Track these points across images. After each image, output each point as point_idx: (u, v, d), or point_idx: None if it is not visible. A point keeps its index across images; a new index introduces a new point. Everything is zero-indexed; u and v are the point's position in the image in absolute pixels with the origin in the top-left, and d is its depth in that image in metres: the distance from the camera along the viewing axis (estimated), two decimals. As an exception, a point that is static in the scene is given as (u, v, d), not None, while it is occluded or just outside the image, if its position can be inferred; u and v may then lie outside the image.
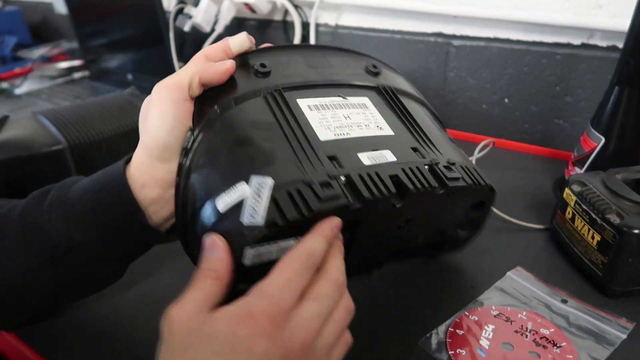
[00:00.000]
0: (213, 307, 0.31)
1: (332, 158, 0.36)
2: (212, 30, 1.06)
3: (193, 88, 0.38)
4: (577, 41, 0.74)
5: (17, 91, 1.16)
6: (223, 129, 0.37)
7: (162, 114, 0.38)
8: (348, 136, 0.38)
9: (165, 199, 0.39)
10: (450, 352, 0.42)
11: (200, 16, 1.03)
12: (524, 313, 0.45)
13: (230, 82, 0.39)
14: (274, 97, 0.38)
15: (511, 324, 0.44)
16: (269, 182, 0.33)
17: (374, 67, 0.44)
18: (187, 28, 1.04)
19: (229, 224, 0.33)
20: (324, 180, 0.34)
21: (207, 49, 0.41)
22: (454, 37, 0.86)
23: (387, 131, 0.40)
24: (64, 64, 1.27)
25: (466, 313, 0.46)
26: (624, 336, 0.43)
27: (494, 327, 0.44)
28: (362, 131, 0.39)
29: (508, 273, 0.51)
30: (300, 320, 0.31)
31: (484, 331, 0.44)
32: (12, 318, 0.45)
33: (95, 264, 0.40)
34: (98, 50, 1.20)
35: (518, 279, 0.50)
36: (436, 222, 0.45)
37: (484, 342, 0.42)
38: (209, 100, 0.39)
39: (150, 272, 0.42)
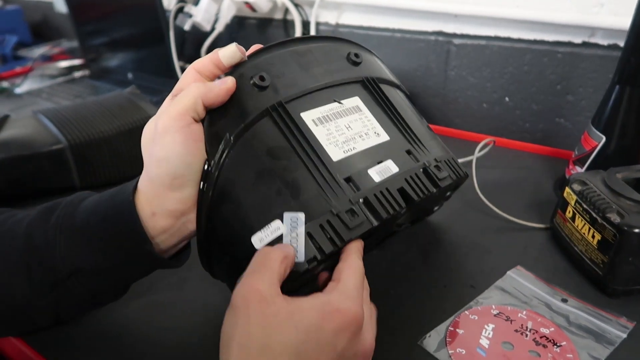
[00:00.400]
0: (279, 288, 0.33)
1: (348, 180, 0.39)
2: (213, 29, 1.06)
3: (198, 112, 0.38)
4: (578, 40, 0.74)
5: (18, 90, 1.16)
6: (242, 161, 0.38)
7: (173, 142, 0.37)
8: (355, 151, 0.41)
9: (176, 228, 0.39)
10: (450, 352, 0.42)
11: (200, 15, 1.03)
12: (524, 312, 0.45)
13: (234, 101, 0.39)
14: (279, 114, 0.39)
15: (511, 323, 0.44)
16: (301, 217, 0.36)
17: (356, 55, 0.46)
18: (187, 27, 1.04)
19: None
20: (348, 208, 0.37)
21: (197, 63, 0.40)
22: (455, 35, 0.85)
23: (384, 137, 0.43)
24: (64, 63, 1.27)
25: (466, 312, 0.46)
26: (624, 335, 0.43)
27: (494, 326, 0.44)
28: (364, 142, 0.42)
29: (508, 272, 0.51)
30: (366, 325, 0.33)
31: (484, 330, 0.44)
32: (13, 332, 0.45)
33: (98, 286, 0.40)
34: (98, 49, 1.20)
35: (518, 278, 0.50)
36: (422, 208, 0.54)
37: (484, 342, 0.42)
38: (217, 126, 0.39)
39: (154, 274, 0.42)
